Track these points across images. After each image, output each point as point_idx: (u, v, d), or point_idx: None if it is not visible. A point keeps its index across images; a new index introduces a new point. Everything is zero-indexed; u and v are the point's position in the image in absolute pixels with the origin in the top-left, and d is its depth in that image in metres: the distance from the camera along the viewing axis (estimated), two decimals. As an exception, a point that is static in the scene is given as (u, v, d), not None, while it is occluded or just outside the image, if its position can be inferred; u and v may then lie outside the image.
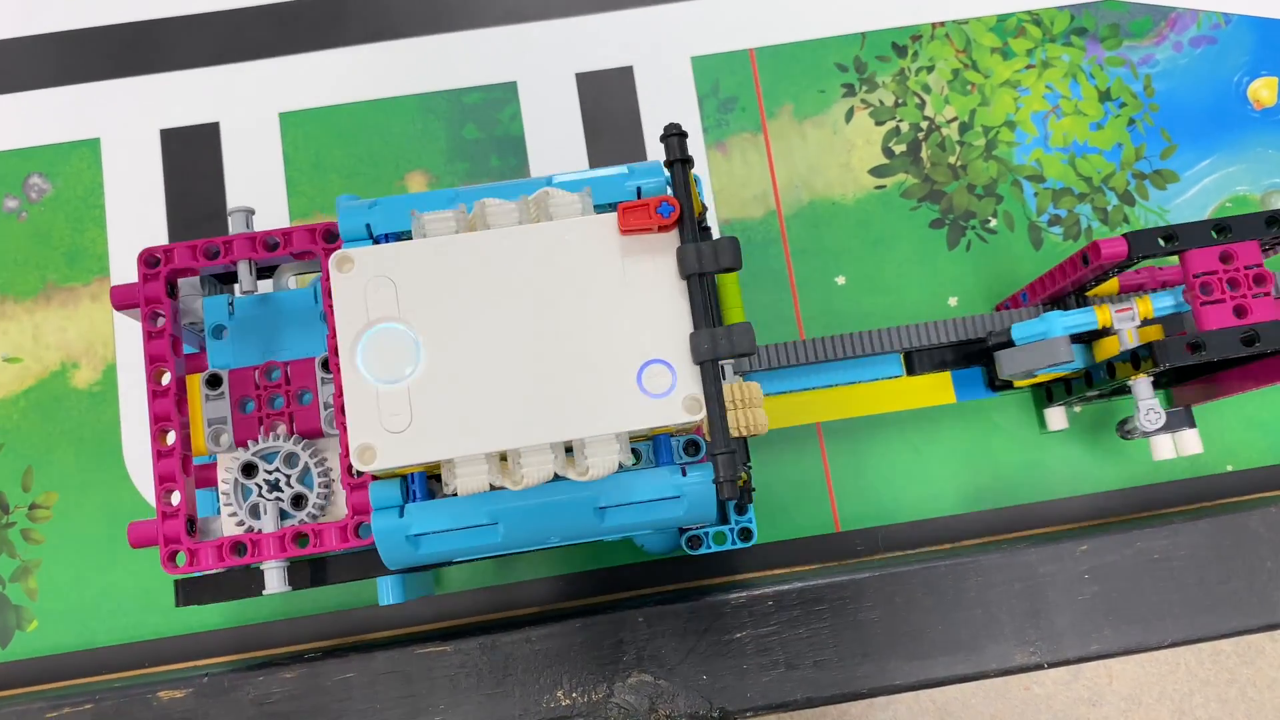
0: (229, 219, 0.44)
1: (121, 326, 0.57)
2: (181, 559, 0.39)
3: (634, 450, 0.39)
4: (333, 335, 0.39)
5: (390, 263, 0.37)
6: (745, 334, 0.36)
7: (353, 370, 0.36)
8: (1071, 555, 0.48)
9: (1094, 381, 0.51)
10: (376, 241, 0.39)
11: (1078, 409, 0.57)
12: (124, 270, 0.58)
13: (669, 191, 0.39)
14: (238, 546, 0.39)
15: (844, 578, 0.47)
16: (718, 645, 0.47)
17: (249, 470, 0.41)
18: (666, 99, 0.60)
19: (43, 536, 0.55)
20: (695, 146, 0.60)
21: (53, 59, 0.60)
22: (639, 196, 0.39)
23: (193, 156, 0.59)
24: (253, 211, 0.44)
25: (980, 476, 0.56)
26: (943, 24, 0.61)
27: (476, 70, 0.60)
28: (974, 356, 0.53)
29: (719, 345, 0.36)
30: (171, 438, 0.40)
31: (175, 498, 0.40)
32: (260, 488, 0.40)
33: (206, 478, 0.44)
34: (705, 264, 0.37)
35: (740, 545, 0.45)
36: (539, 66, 0.60)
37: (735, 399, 0.41)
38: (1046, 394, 0.56)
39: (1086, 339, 0.51)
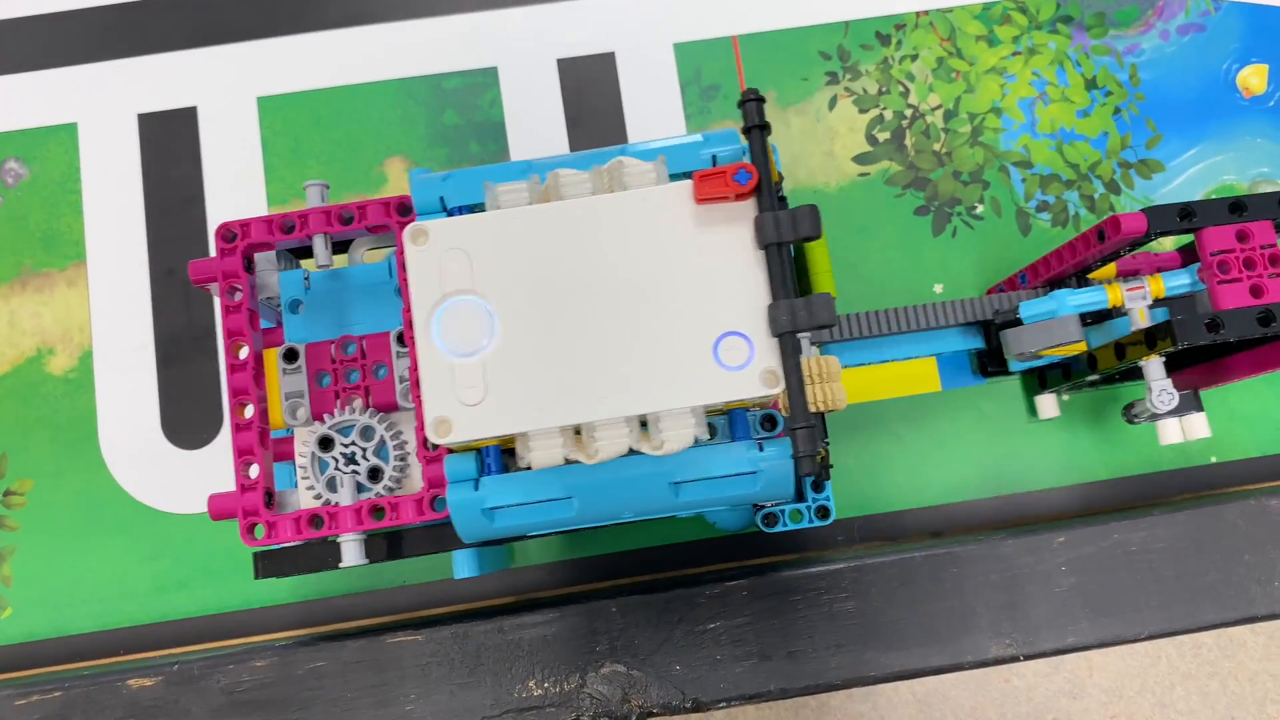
0: (305, 191, 0.44)
1: (99, 313, 0.57)
2: (260, 531, 0.39)
3: (709, 424, 0.39)
4: (408, 309, 0.38)
5: (464, 235, 0.37)
6: (825, 305, 0.35)
7: (428, 343, 0.36)
8: (1048, 547, 0.47)
9: (1097, 365, 0.50)
10: (450, 214, 0.39)
11: (1067, 397, 0.56)
12: (101, 256, 0.57)
13: (745, 159, 0.38)
14: (315, 519, 0.39)
15: (819, 569, 0.47)
16: (691, 636, 0.46)
17: (325, 444, 0.41)
18: (648, 86, 0.60)
19: (17, 524, 0.55)
20: (676, 133, 0.59)
21: (29, 43, 0.60)
22: (714, 164, 0.39)
23: (170, 141, 0.59)
24: (328, 185, 0.44)
25: (967, 466, 0.56)
26: (927, 12, 0.61)
27: (457, 55, 0.60)
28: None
29: (798, 317, 0.35)
30: (250, 411, 0.40)
31: (254, 470, 0.40)
32: (337, 461, 0.40)
33: (283, 451, 0.43)
34: (784, 233, 0.36)
35: (817, 523, 0.44)
36: (520, 52, 0.60)
37: (813, 373, 0.39)
38: (1040, 381, 0.55)
39: (1090, 321, 0.50)
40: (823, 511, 0.45)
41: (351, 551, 0.39)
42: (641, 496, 0.37)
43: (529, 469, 0.36)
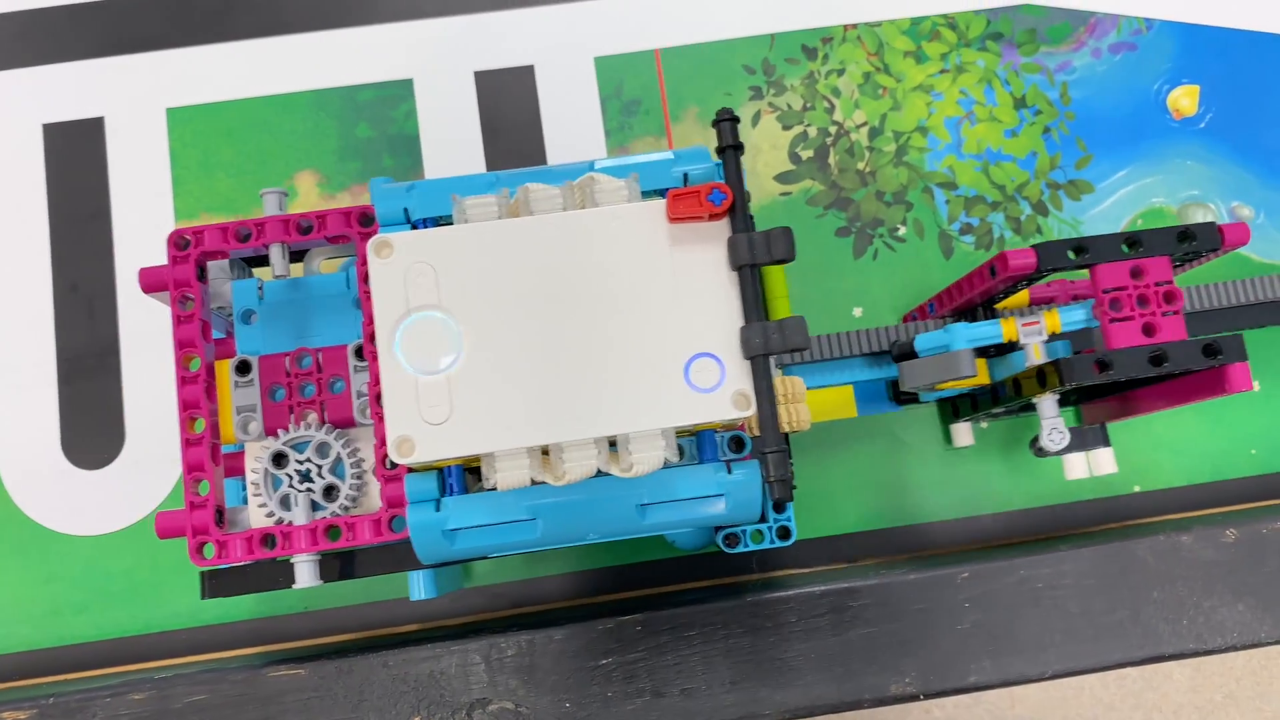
0: (263, 200, 0.43)
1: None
2: (210, 550, 0.38)
3: (678, 446, 0.38)
4: (368, 323, 0.38)
5: (431, 248, 0.36)
6: (798, 328, 0.35)
7: (391, 360, 0.35)
8: (952, 583, 0.46)
9: (999, 398, 0.50)
10: (415, 226, 0.38)
11: (985, 425, 0.55)
12: (1, 270, 0.56)
13: (716, 178, 0.38)
14: (268, 539, 0.38)
15: (714, 604, 0.46)
16: (583, 672, 0.45)
17: (279, 460, 0.39)
18: (568, 100, 0.58)
19: (-90, 544, 0.53)
20: (596, 150, 0.58)
21: (-67, 49, 0.58)
22: (685, 183, 0.38)
23: (76, 153, 0.57)
24: (286, 193, 0.43)
25: (882, 494, 0.55)
26: (854, 26, 0.59)
27: (371, 67, 0.58)
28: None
29: (771, 340, 0.35)
30: (201, 425, 0.39)
31: (204, 487, 0.39)
32: (291, 478, 0.39)
33: (233, 467, 0.42)
34: (758, 254, 0.36)
35: (779, 544, 0.43)
36: (436, 64, 0.59)
37: (780, 394, 0.39)
38: (953, 409, 0.54)
39: (994, 353, 0.49)
40: (784, 532, 0.44)
41: (305, 572, 0.38)
42: (608, 518, 0.37)
43: (493, 489, 0.35)
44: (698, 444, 0.38)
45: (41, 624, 0.53)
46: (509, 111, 0.58)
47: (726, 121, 0.37)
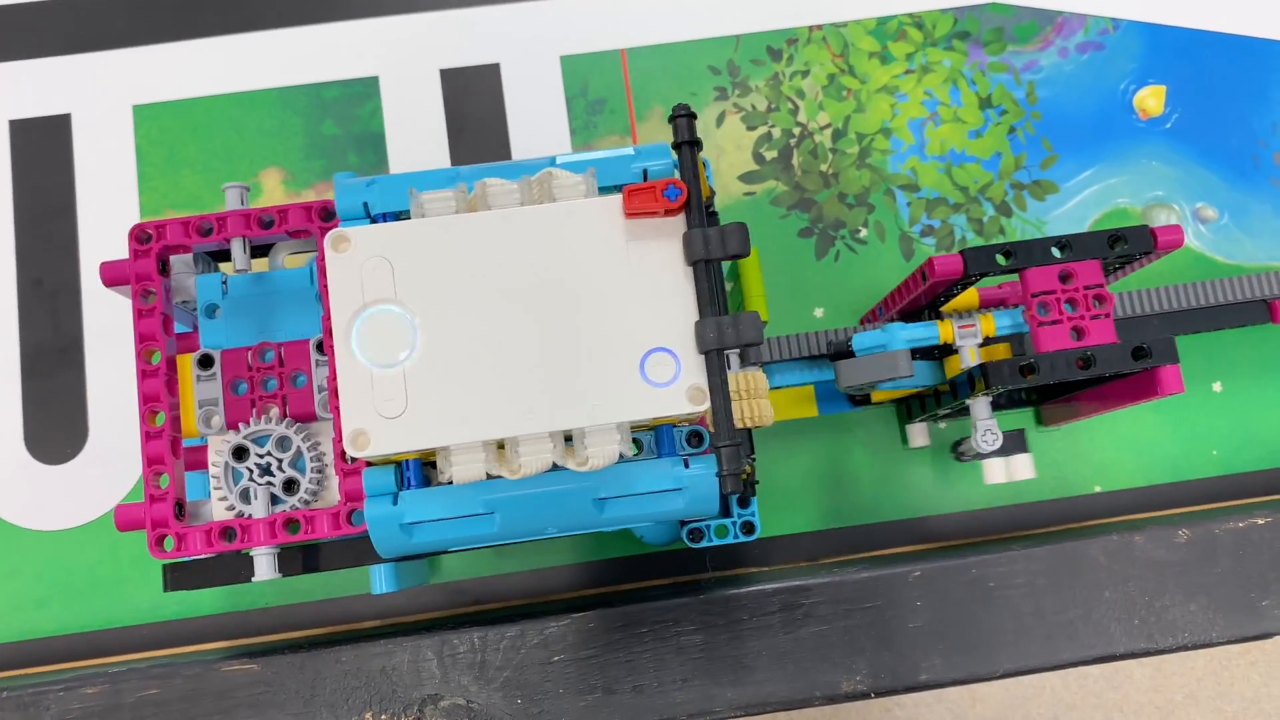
0: (225, 194, 0.43)
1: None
2: (169, 543, 0.38)
3: (635, 440, 0.38)
4: (328, 316, 0.38)
5: (387, 243, 0.36)
6: (752, 323, 0.35)
7: (347, 353, 0.35)
8: (904, 582, 0.46)
9: (941, 399, 0.50)
10: (374, 221, 0.38)
11: (943, 425, 0.55)
12: (-32, 265, 0.56)
13: (676, 174, 0.38)
14: (227, 532, 0.38)
15: (666, 601, 0.46)
16: (535, 669, 0.45)
17: (240, 454, 0.40)
18: (534, 98, 0.59)
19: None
20: (562, 148, 0.58)
21: (-100, 45, 0.59)
22: (645, 179, 0.38)
23: (42, 149, 0.57)
24: (248, 188, 0.43)
25: (840, 493, 0.55)
26: (820, 27, 0.60)
27: (337, 64, 0.59)
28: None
29: (725, 334, 0.35)
30: (161, 419, 0.39)
31: (164, 480, 0.39)
32: (251, 471, 0.39)
33: (196, 461, 0.42)
34: (712, 250, 0.36)
35: (743, 539, 0.44)
36: (402, 61, 0.59)
37: (740, 389, 0.39)
38: (907, 410, 0.55)
39: (938, 354, 0.50)
40: (748, 527, 0.44)
41: (264, 565, 0.38)
42: (565, 513, 0.37)
43: (448, 483, 0.35)
44: (656, 438, 0.38)
45: (2, 619, 0.53)
46: (474, 109, 0.58)
47: (683, 118, 0.37)
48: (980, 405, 0.46)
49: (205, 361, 0.41)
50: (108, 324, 0.56)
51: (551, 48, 0.59)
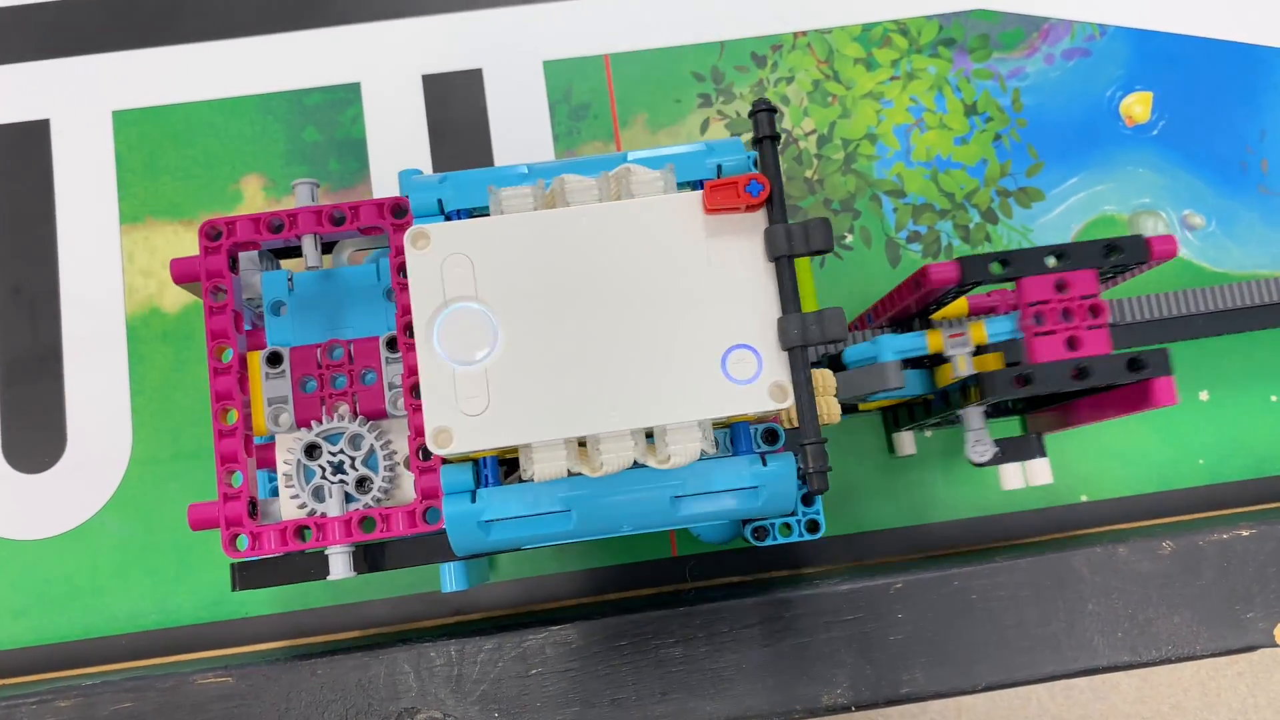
0: (295, 190, 0.42)
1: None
2: (243, 542, 0.38)
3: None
4: (403, 314, 0.38)
5: (467, 239, 0.36)
6: (836, 319, 0.35)
7: (429, 351, 0.35)
8: (885, 594, 0.46)
9: (933, 408, 0.49)
10: (449, 218, 0.38)
11: (929, 434, 0.55)
12: (-55, 272, 0.56)
13: (750, 170, 0.38)
14: (302, 531, 0.38)
15: (644, 614, 0.45)
16: (513, 682, 0.45)
17: (312, 451, 0.39)
18: (516, 104, 0.58)
19: None
20: (545, 155, 0.58)
21: (-122, 51, 0.58)
22: (719, 174, 0.38)
23: (20, 155, 0.57)
24: (318, 184, 0.42)
25: (824, 502, 0.54)
26: (805, 33, 0.59)
27: (318, 70, 0.58)
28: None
29: (809, 331, 0.35)
30: (234, 416, 0.39)
31: (237, 479, 0.38)
32: (324, 469, 0.39)
33: (261, 459, 0.42)
34: (795, 245, 0.36)
35: (807, 537, 0.43)
36: (384, 67, 0.58)
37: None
38: (894, 418, 0.54)
39: (928, 364, 0.49)
40: (812, 525, 0.44)
41: (340, 564, 0.38)
42: (641, 510, 0.36)
43: (529, 481, 0.35)
44: (731, 436, 0.38)
45: (-18, 628, 0.53)
46: (457, 115, 0.58)
47: (763, 112, 0.37)
48: (973, 415, 0.45)
49: (274, 359, 0.41)
50: (86, 332, 0.55)
51: (534, 53, 0.59)
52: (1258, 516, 0.49)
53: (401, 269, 0.38)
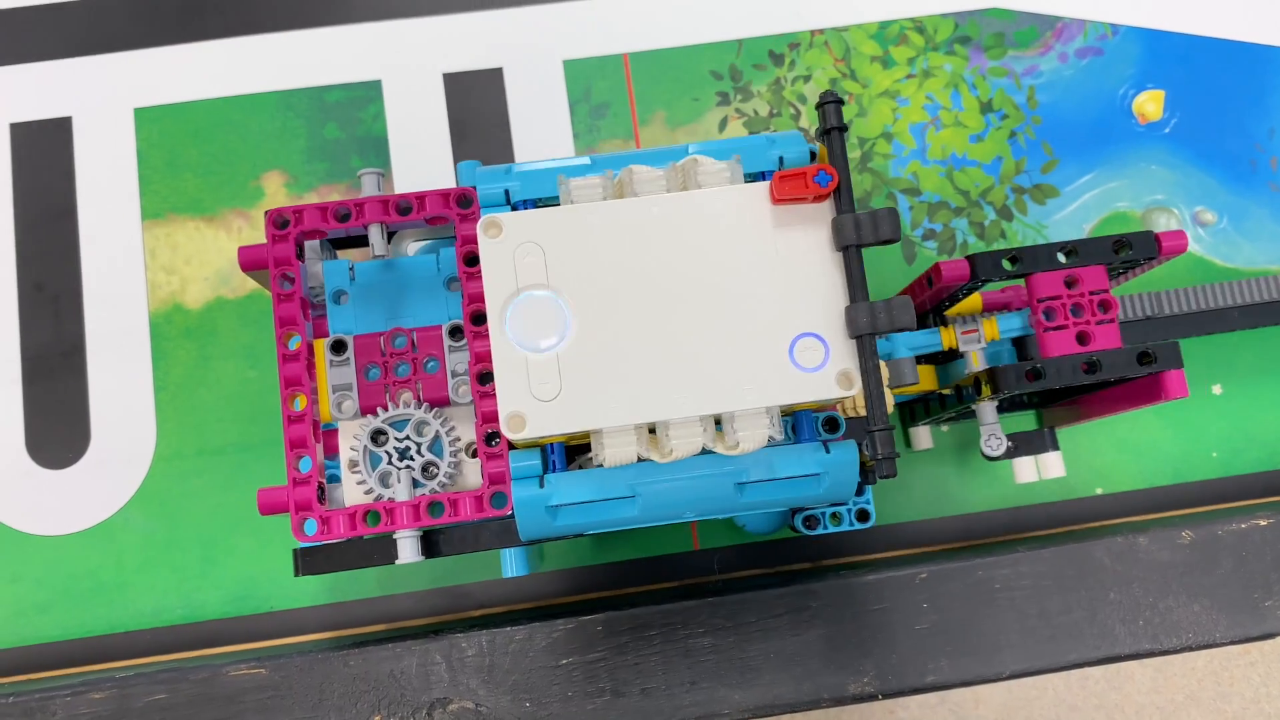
0: (361, 180, 0.43)
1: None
2: (311, 527, 0.38)
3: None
4: (468, 302, 0.38)
5: (539, 228, 0.37)
6: (905, 307, 0.35)
7: (501, 337, 0.36)
8: (910, 584, 0.47)
9: (947, 403, 0.50)
10: (514, 208, 0.39)
11: (945, 428, 0.56)
12: (-32, 269, 0.56)
13: (810, 162, 0.39)
14: (371, 515, 0.38)
15: (674, 605, 0.46)
16: (543, 672, 0.45)
17: (378, 437, 0.39)
18: (537, 102, 0.59)
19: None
20: (565, 152, 0.58)
21: (-101, 48, 0.58)
22: (781, 166, 0.39)
23: (43, 152, 0.57)
24: (383, 174, 0.43)
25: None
26: (822, 31, 0.60)
27: (340, 68, 0.59)
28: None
29: (878, 319, 0.35)
30: (302, 402, 0.39)
31: (306, 464, 0.39)
32: (390, 455, 0.39)
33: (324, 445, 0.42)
34: (864, 235, 0.36)
35: (857, 526, 0.44)
36: (405, 65, 0.59)
37: None
38: (909, 413, 0.55)
39: (942, 359, 0.50)
40: (863, 515, 0.45)
41: (408, 548, 0.38)
42: (706, 496, 0.37)
43: (599, 467, 0.36)
44: (793, 424, 0.39)
45: (5, 625, 0.53)
46: (477, 113, 0.58)
47: (831, 103, 0.38)
48: (986, 409, 0.46)
49: (338, 346, 0.41)
50: (109, 328, 0.55)
51: (554, 52, 0.59)
52: (1275, 507, 0.50)
53: (469, 258, 0.39)
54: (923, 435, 0.54)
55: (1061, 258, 0.45)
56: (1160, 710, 0.86)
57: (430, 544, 0.41)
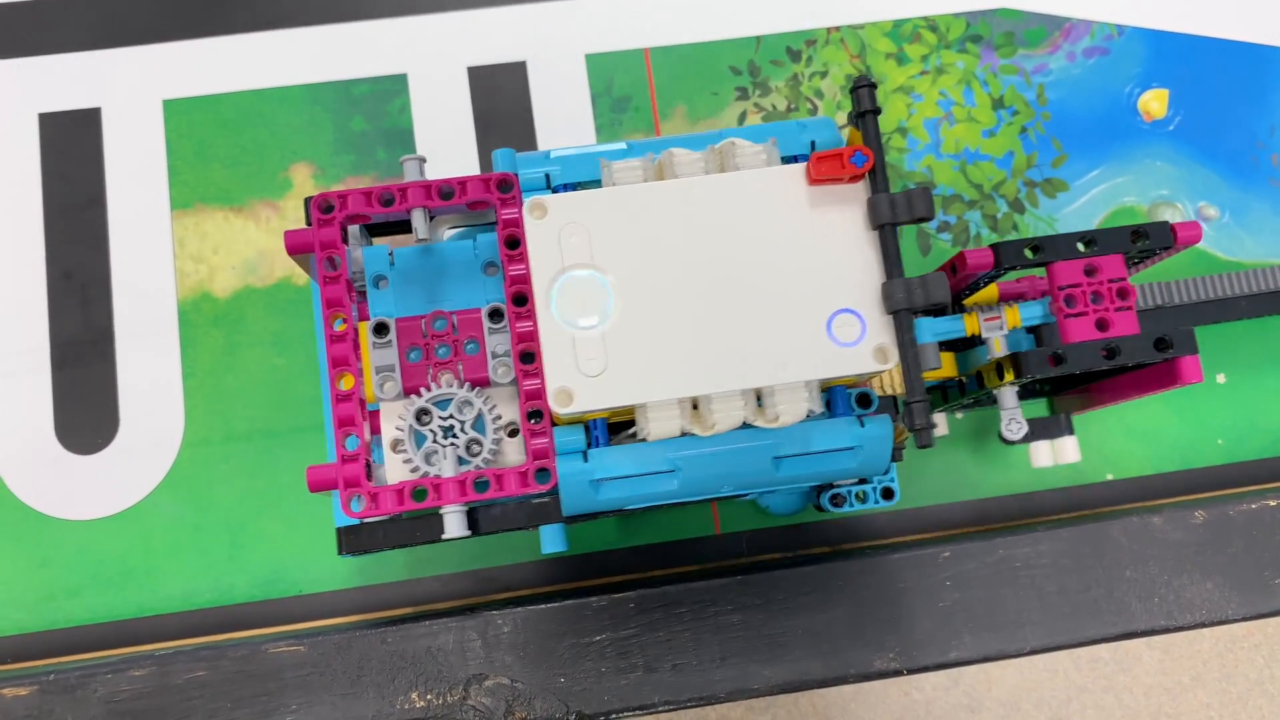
0: (403, 166, 0.44)
1: (-7, 314, 0.56)
2: (359, 503, 0.39)
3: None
4: (510, 284, 0.39)
5: (582, 209, 0.38)
6: (940, 283, 0.37)
7: (547, 315, 0.37)
8: (933, 562, 0.48)
9: (966, 389, 0.51)
10: (555, 191, 0.40)
11: (959, 415, 0.57)
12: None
13: (839, 146, 0.40)
14: (418, 491, 0.39)
15: (704, 582, 0.47)
16: (577, 648, 0.46)
17: (423, 416, 0.40)
18: (560, 96, 0.60)
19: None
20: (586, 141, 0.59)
21: (-71, 39, 0.59)
22: (813, 149, 0.40)
23: (72, 142, 0.58)
24: (425, 159, 0.44)
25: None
26: (838, 28, 0.61)
27: (366, 61, 0.60)
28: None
29: (914, 295, 0.37)
30: (349, 381, 0.40)
31: (353, 442, 0.39)
32: (435, 434, 0.40)
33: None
34: (899, 213, 0.37)
35: (883, 504, 0.45)
36: (430, 59, 0.60)
37: None
38: (927, 400, 0.56)
39: (961, 347, 0.51)
40: (888, 492, 0.46)
41: (455, 523, 0.39)
42: (744, 470, 0.38)
43: (643, 441, 0.37)
44: (828, 399, 0.40)
45: (35, 608, 0.53)
46: (501, 106, 0.59)
47: (864, 87, 0.39)
48: (1007, 394, 0.47)
49: (381, 329, 0.42)
50: (138, 316, 0.56)
51: (577, 46, 0.60)
52: (1282, 489, 0.51)
53: (510, 241, 0.40)
54: (939, 422, 0.55)
55: (1081, 247, 0.46)
56: (1167, 691, 0.87)
57: (470, 522, 0.41)
